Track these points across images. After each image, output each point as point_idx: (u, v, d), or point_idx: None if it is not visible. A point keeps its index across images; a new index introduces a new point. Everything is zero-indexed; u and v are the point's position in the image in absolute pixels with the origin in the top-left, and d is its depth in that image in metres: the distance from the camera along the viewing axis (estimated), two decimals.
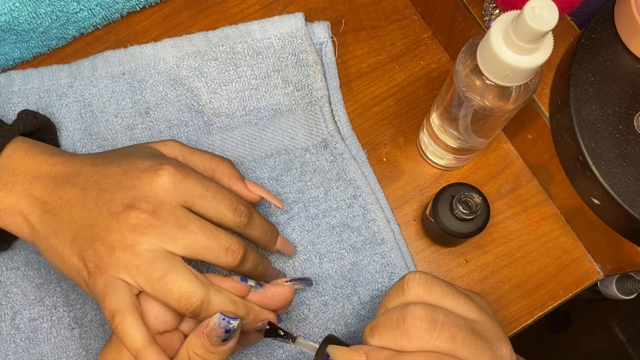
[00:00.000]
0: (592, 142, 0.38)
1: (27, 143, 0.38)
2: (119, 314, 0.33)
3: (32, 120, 0.41)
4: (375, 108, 0.50)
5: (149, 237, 0.34)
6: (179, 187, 0.35)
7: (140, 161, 0.36)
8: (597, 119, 0.39)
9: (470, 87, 0.35)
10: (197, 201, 0.36)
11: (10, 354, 0.41)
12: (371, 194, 0.46)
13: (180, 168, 0.36)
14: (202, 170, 0.39)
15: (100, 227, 0.34)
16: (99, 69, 0.47)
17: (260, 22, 0.48)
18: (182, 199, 0.35)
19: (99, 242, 0.34)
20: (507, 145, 0.49)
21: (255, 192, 0.41)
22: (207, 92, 0.47)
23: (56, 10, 0.46)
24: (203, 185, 0.36)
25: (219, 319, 0.34)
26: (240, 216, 0.37)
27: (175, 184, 0.35)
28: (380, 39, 0.52)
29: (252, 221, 0.38)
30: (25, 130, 0.40)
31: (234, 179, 0.40)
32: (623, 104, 0.39)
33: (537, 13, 0.28)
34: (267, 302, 0.37)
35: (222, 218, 0.37)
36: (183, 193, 0.35)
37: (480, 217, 0.41)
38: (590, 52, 0.40)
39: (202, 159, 0.40)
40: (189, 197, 0.35)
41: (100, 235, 0.34)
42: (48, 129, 0.44)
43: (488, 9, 0.44)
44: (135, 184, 0.35)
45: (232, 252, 0.35)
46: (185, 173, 0.36)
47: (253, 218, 0.38)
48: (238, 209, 0.37)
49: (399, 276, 0.44)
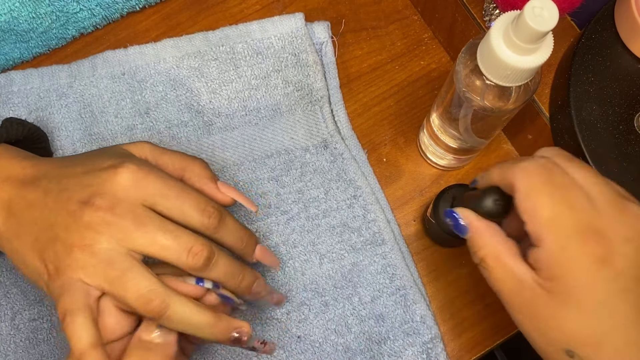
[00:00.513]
0: (592, 142, 0.38)
1: (2, 147, 0.37)
2: (69, 314, 0.32)
3: (17, 128, 0.40)
4: (375, 108, 0.50)
5: (106, 235, 0.32)
6: (139, 184, 0.34)
7: (103, 160, 0.35)
8: (597, 119, 0.39)
9: (470, 87, 0.35)
10: (159, 200, 0.34)
11: (10, 354, 0.41)
12: (371, 194, 0.46)
13: (142, 166, 0.34)
14: (172, 170, 0.38)
15: (59, 227, 0.33)
16: (98, 69, 0.47)
17: (260, 22, 0.48)
18: (143, 197, 0.34)
19: (58, 243, 0.33)
20: (507, 145, 0.49)
21: (227, 194, 0.38)
22: (207, 92, 0.47)
23: (56, 10, 0.46)
24: (166, 184, 0.34)
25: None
26: (208, 218, 0.35)
27: (136, 181, 0.34)
28: (381, 39, 0.52)
29: (223, 224, 0.36)
30: (9, 138, 0.39)
31: (204, 178, 0.38)
32: (623, 104, 0.39)
33: (537, 13, 0.28)
34: None
35: (187, 219, 0.34)
36: (144, 191, 0.34)
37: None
38: (590, 52, 0.40)
39: (172, 159, 0.38)
40: (150, 195, 0.34)
41: (59, 236, 0.33)
42: (38, 138, 0.43)
43: (488, 9, 0.44)
44: (93, 182, 0.34)
45: (194, 253, 0.33)
46: (147, 170, 0.34)
47: (224, 221, 0.36)
48: (206, 210, 0.35)
49: (399, 276, 0.44)
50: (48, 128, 0.46)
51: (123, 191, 0.33)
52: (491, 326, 0.45)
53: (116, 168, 0.34)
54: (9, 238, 0.35)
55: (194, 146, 0.47)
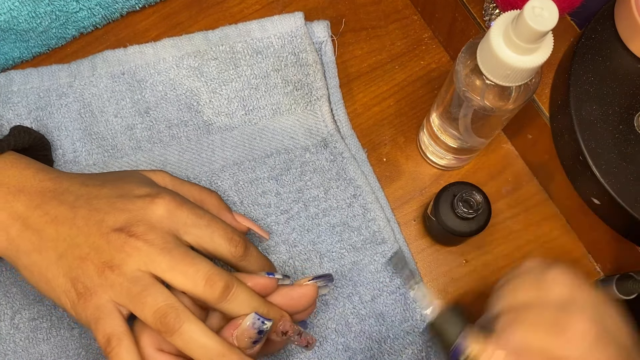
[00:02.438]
0: (592, 142, 0.38)
1: (12, 156, 0.37)
2: (115, 338, 0.32)
3: (24, 137, 0.40)
4: (375, 108, 0.50)
5: (135, 258, 0.33)
6: (173, 214, 0.35)
7: (136, 187, 0.36)
8: (597, 119, 0.39)
9: (470, 87, 0.35)
10: (190, 229, 0.35)
11: (9, 353, 0.41)
12: (371, 193, 0.46)
13: (175, 196, 0.36)
14: (193, 201, 0.39)
15: (90, 247, 0.34)
16: (98, 69, 0.47)
17: (259, 22, 0.48)
18: (175, 227, 0.35)
19: (89, 262, 0.33)
20: (507, 145, 0.49)
21: (242, 224, 0.40)
22: (206, 91, 0.47)
23: (56, 9, 0.46)
24: (197, 214, 0.36)
25: (254, 319, 0.33)
26: (235, 246, 0.36)
27: (170, 211, 0.35)
28: (380, 39, 0.52)
29: (249, 253, 0.37)
30: (16, 146, 0.39)
31: (222, 210, 0.40)
32: (623, 104, 0.39)
33: (537, 13, 0.28)
34: (294, 303, 0.37)
35: (217, 247, 0.36)
36: (177, 220, 0.35)
37: (482, 216, 0.41)
38: (590, 52, 0.40)
39: (191, 190, 0.39)
40: (182, 225, 0.35)
41: (89, 255, 0.33)
42: (42, 146, 0.44)
43: (488, 9, 0.44)
44: (129, 208, 0.35)
45: (212, 283, 0.33)
46: (180, 201, 0.36)
47: (249, 250, 0.37)
48: (234, 239, 0.36)
49: (399, 276, 0.44)
50: (48, 127, 0.46)
51: (158, 219, 0.35)
52: None
53: (153, 198, 0.35)
54: (28, 251, 0.35)
55: (193, 145, 0.47)
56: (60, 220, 0.35)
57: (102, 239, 0.34)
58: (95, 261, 0.33)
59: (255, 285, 0.36)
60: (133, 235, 0.33)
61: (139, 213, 0.34)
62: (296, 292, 0.37)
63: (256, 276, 0.36)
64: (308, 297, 0.37)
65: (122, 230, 0.34)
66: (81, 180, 0.37)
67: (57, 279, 0.34)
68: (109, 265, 0.33)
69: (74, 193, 0.36)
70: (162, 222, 0.35)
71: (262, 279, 0.36)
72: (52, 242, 0.34)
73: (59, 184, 0.36)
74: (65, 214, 0.35)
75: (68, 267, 0.34)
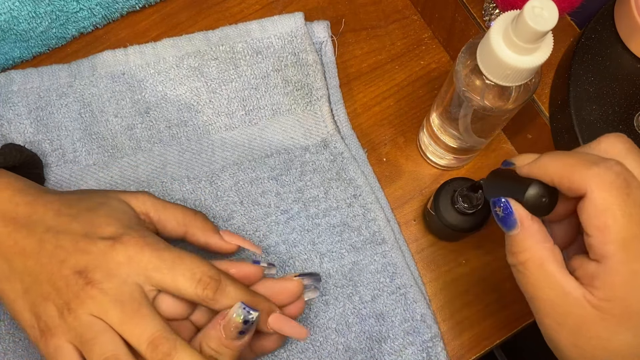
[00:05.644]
0: None
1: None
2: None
3: (15, 155, 0.40)
4: (375, 108, 0.50)
5: (89, 305, 0.33)
6: (133, 260, 0.34)
7: (105, 223, 0.35)
8: (597, 119, 0.39)
9: (470, 87, 0.35)
10: (152, 274, 0.34)
11: (9, 353, 0.41)
12: (371, 193, 0.46)
13: (139, 239, 0.35)
14: (175, 225, 0.38)
15: (52, 287, 0.34)
16: (98, 69, 0.47)
17: (260, 22, 0.48)
18: (136, 272, 0.34)
19: (50, 302, 0.34)
20: (507, 145, 0.49)
21: (231, 242, 0.39)
22: (206, 91, 0.47)
23: (56, 9, 0.46)
24: (159, 257, 0.34)
25: (239, 308, 0.33)
26: (203, 289, 0.34)
27: (129, 258, 0.34)
28: (380, 39, 0.52)
29: (222, 294, 0.34)
30: (6, 164, 0.39)
31: (208, 232, 0.39)
32: (623, 104, 0.39)
33: (537, 13, 0.28)
34: (274, 296, 0.37)
35: (180, 291, 0.34)
36: (136, 266, 0.34)
37: (482, 212, 0.41)
38: (590, 52, 0.40)
39: (175, 214, 0.39)
40: (143, 270, 0.34)
41: (51, 295, 0.34)
42: (34, 164, 0.43)
43: (488, 8, 0.44)
44: (91, 250, 0.34)
45: (154, 346, 0.32)
46: (143, 244, 0.35)
47: (223, 290, 0.35)
48: (202, 281, 0.34)
49: (399, 275, 0.44)
50: (48, 127, 0.46)
51: (116, 267, 0.34)
52: (491, 326, 0.45)
53: (114, 242, 0.34)
54: None
55: (193, 145, 0.47)
56: (27, 253, 0.35)
57: (61, 281, 0.34)
58: (56, 301, 0.34)
59: (239, 272, 0.36)
60: (90, 282, 0.33)
61: (98, 258, 0.34)
62: (279, 285, 0.37)
63: (241, 263, 0.36)
64: (290, 293, 0.37)
65: (80, 274, 0.34)
66: (57, 207, 0.36)
67: (23, 313, 0.35)
68: (67, 308, 0.33)
69: (44, 224, 0.35)
70: (120, 270, 0.34)
71: (247, 267, 0.36)
72: (19, 274, 0.35)
73: (33, 211, 0.36)
74: (33, 246, 0.35)
75: (32, 303, 0.34)
